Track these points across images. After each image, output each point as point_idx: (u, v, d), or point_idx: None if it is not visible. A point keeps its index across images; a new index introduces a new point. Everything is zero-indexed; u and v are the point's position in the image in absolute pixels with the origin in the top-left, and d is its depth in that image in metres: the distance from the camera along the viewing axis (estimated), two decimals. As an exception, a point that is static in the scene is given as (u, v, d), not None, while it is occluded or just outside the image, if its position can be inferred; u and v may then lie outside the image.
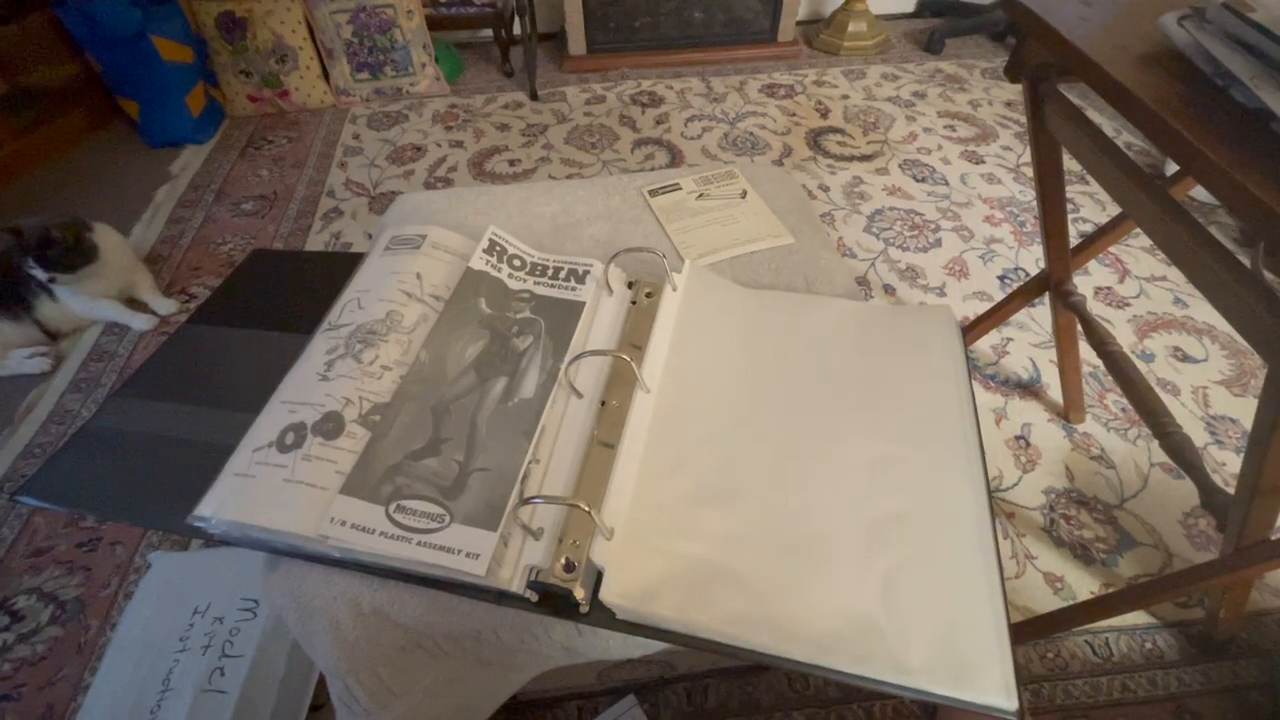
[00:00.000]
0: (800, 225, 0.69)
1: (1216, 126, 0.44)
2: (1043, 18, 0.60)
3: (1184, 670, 0.83)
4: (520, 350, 0.52)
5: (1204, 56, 0.48)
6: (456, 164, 1.74)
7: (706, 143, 1.78)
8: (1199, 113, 0.46)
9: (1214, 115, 0.45)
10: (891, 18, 2.41)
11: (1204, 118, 0.45)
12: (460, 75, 2.13)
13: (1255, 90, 0.43)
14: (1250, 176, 0.40)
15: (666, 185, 0.74)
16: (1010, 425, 1.09)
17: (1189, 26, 0.51)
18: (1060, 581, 0.91)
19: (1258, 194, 0.39)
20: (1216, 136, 0.43)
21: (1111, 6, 0.63)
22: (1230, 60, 0.46)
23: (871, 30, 2.19)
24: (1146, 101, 0.47)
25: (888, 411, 0.48)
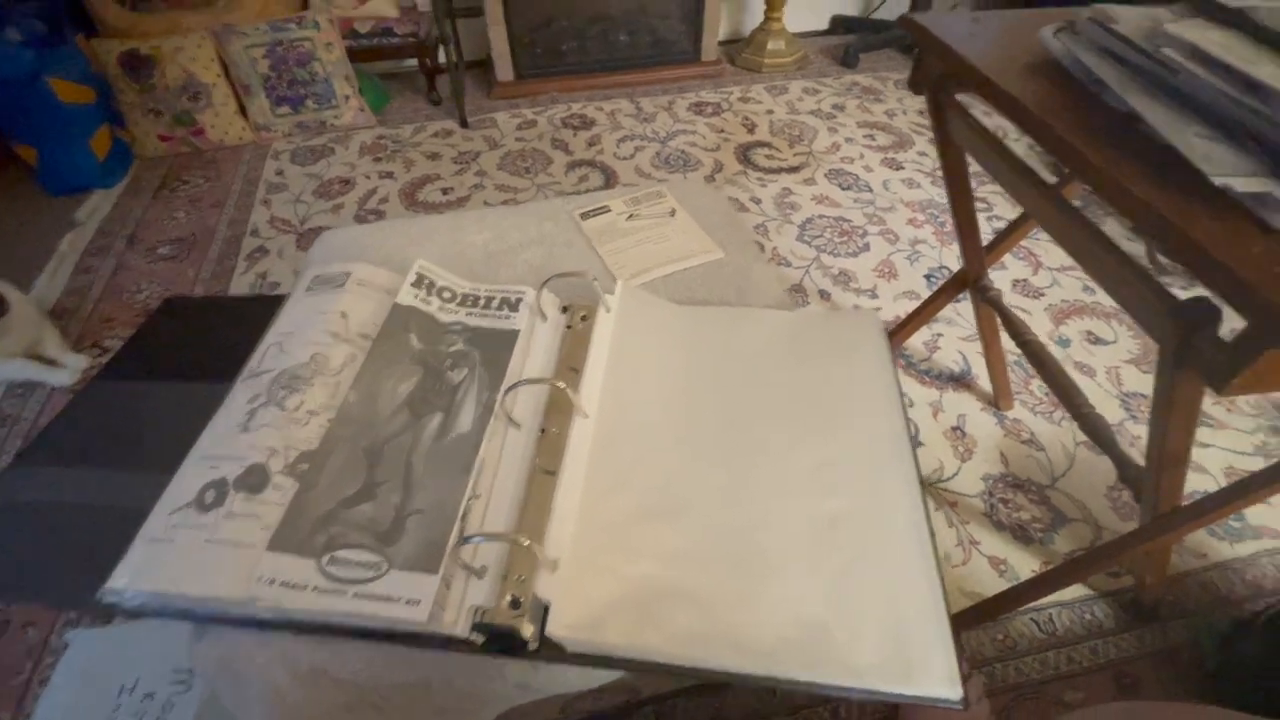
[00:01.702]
0: (730, 239, 0.71)
1: (1093, 129, 0.48)
2: (935, 34, 0.63)
3: (1121, 637, 0.88)
4: (454, 384, 0.51)
5: (1078, 65, 0.52)
6: (388, 195, 1.70)
7: (639, 162, 1.81)
8: (1077, 117, 0.49)
9: (1091, 119, 0.49)
10: (808, 35, 2.52)
11: (1082, 121, 0.49)
12: (386, 105, 2.10)
13: (1123, 94, 0.46)
14: (1124, 173, 0.44)
15: (597, 208, 0.74)
16: (946, 417, 1.14)
17: (1064, 39, 0.55)
18: (1004, 564, 0.95)
19: (1131, 189, 0.42)
20: (1093, 138, 0.47)
21: (998, 22, 0.68)
22: (1100, 68, 0.50)
23: (790, 48, 2.28)
24: (1030, 108, 0.51)
25: (822, 417, 0.50)
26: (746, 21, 2.44)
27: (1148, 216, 0.41)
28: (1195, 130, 0.43)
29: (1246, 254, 0.37)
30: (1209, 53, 0.43)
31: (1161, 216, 0.40)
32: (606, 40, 2.18)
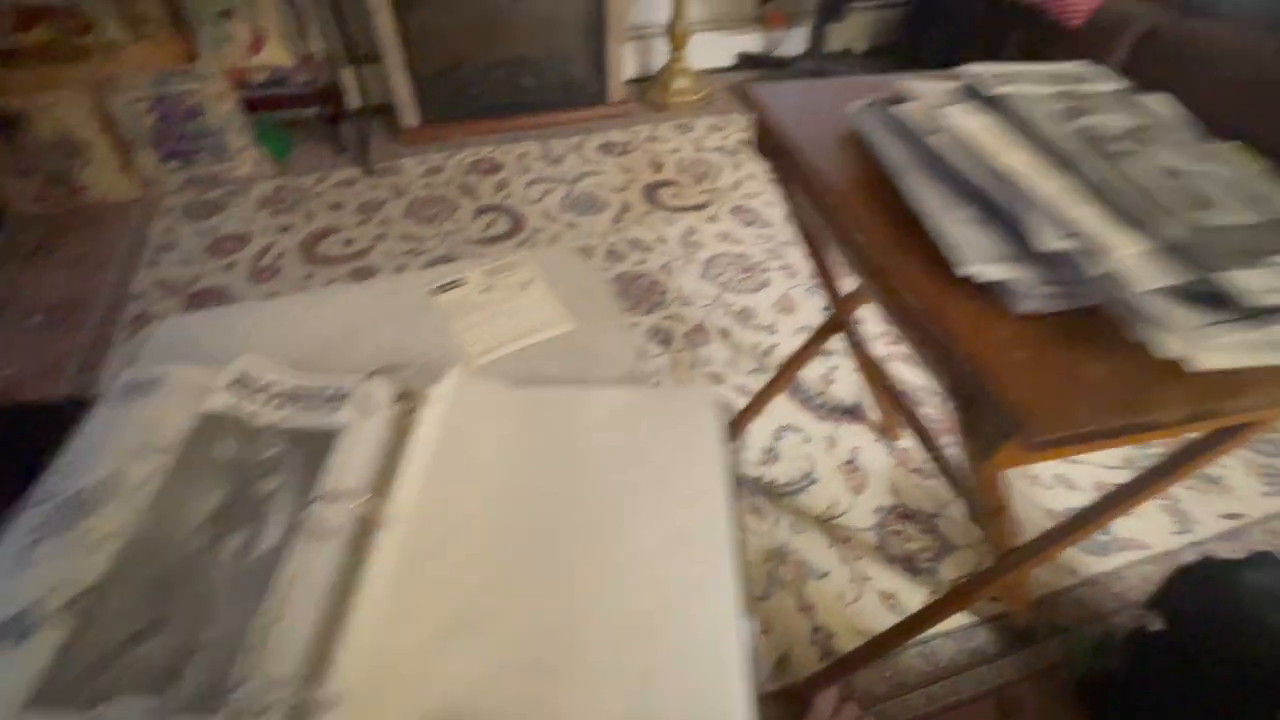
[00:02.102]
0: (586, 308, 0.71)
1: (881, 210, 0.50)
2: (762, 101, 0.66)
3: (1002, 662, 0.91)
4: (264, 496, 0.49)
5: (869, 144, 0.55)
6: (285, 250, 1.65)
7: (547, 205, 1.82)
8: (871, 197, 0.52)
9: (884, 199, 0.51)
10: (713, 71, 2.60)
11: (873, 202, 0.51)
12: (289, 154, 2.05)
13: (896, 178, 0.49)
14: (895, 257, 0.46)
15: (452, 281, 0.73)
16: (840, 451, 1.17)
17: (862, 116, 0.58)
18: (893, 598, 0.97)
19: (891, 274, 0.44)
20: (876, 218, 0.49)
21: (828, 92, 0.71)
22: (885, 149, 0.52)
23: (695, 85, 2.35)
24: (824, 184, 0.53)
25: (644, 506, 0.50)
26: (654, 60, 2.50)
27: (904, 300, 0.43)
28: (963, 214, 0.45)
29: (987, 342, 0.39)
30: (965, 139, 0.46)
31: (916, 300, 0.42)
32: (514, 83, 2.19)
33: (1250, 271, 0.34)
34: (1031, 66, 0.54)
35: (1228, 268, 0.34)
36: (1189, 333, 0.34)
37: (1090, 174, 0.41)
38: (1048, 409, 0.35)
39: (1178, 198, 0.39)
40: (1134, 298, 0.36)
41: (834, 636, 0.93)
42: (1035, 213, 0.41)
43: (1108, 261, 0.37)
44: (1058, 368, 0.38)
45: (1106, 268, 0.37)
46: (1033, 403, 0.35)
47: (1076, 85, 0.51)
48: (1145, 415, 0.36)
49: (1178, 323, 0.34)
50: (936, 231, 0.44)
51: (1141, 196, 0.39)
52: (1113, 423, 0.35)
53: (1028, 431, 0.34)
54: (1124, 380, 0.37)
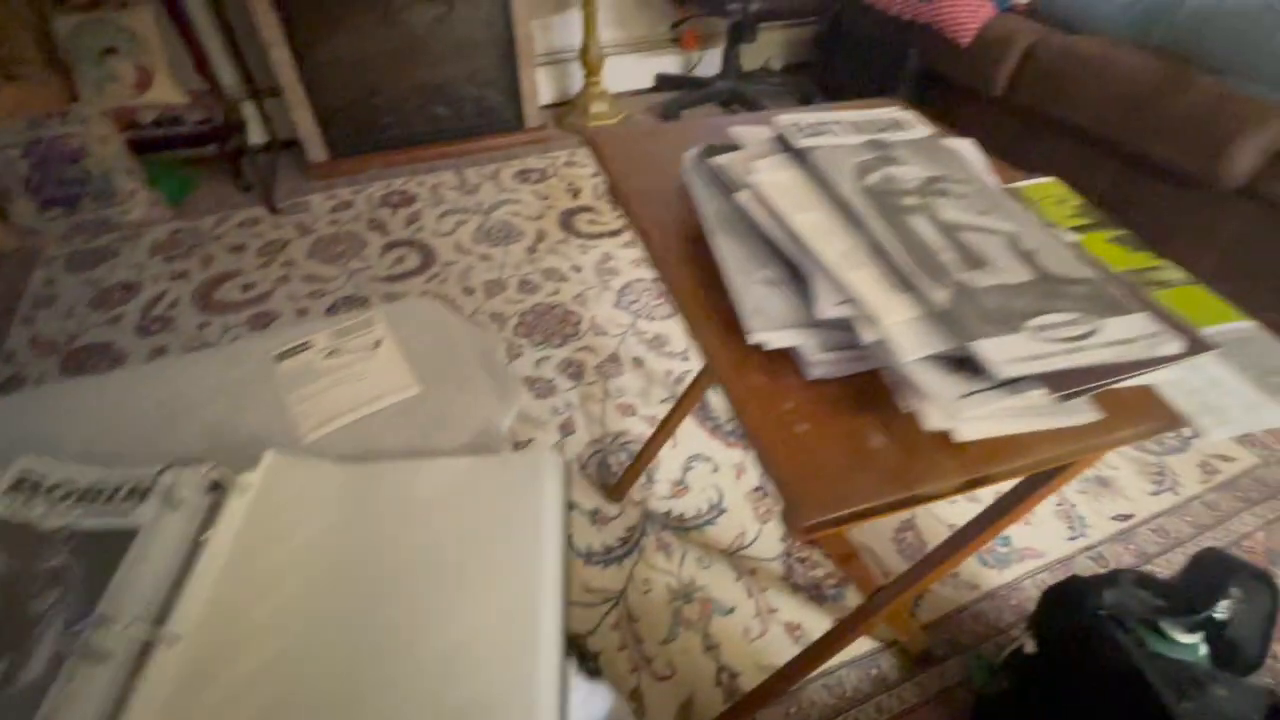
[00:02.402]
0: (437, 368, 0.68)
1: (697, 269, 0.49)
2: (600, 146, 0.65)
3: (904, 687, 0.91)
4: (37, 615, 0.44)
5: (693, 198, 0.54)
6: (178, 299, 1.57)
7: (460, 237, 1.78)
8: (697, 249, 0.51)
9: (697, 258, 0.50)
10: (633, 94, 2.61)
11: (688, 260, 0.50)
12: (189, 195, 1.96)
13: (709, 234, 0.48)
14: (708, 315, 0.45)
15: (296, 345, 0.69)
16: (749, 478, 1.17)
17: (691, 167, 0.57)
18: (799, 629, 0.97)
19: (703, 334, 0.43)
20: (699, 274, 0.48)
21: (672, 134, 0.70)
22: (703, 202, 0.51)
23: (613, 109, 2.35)
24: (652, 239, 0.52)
25: (468, 589, 0.47)
26: (572, 85, 2.50)
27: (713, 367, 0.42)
28: (763, 275, 0.45)
29: (774, 414, 0.38)
30: (766, 196, 0.45)
31: (716, 367, 0.41)
32: (427, 112, 2.15)
33: (1004, 339, 0.34)
34: (845, 114, 0.54)
35: (982, 335, 0.34)
36: (950, 404, 0.34)
37: (874, 234, 0.41)
38: (819, 493, 0.34)
39: (953, 257, 0.39)
40: (901, 367, 0.35)
41: (739, 675, 0.92)
42: (820, 276, 0.40)
43: (878, 329, 0.36)
44: (838, 440, 0.37)
45: (877, 335, 0.36)
46: (805, 489, 0.34)
47: (885, 133, 0.52)
48: (920, 487, 0.35)
49: (938, 394, 0.34)
50: (733, 293, 0.43)
51: (918, 257, 0.39)
52: (888, 498, 0.35)
53: (796, 519, 0.33)
54: (902, 450, 0.36)
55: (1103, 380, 0.33)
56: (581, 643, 0.94)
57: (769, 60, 2.82)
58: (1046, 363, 0.33)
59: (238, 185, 1.99)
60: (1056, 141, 1.75)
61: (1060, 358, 0.33)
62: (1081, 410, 0.36)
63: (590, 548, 1.06)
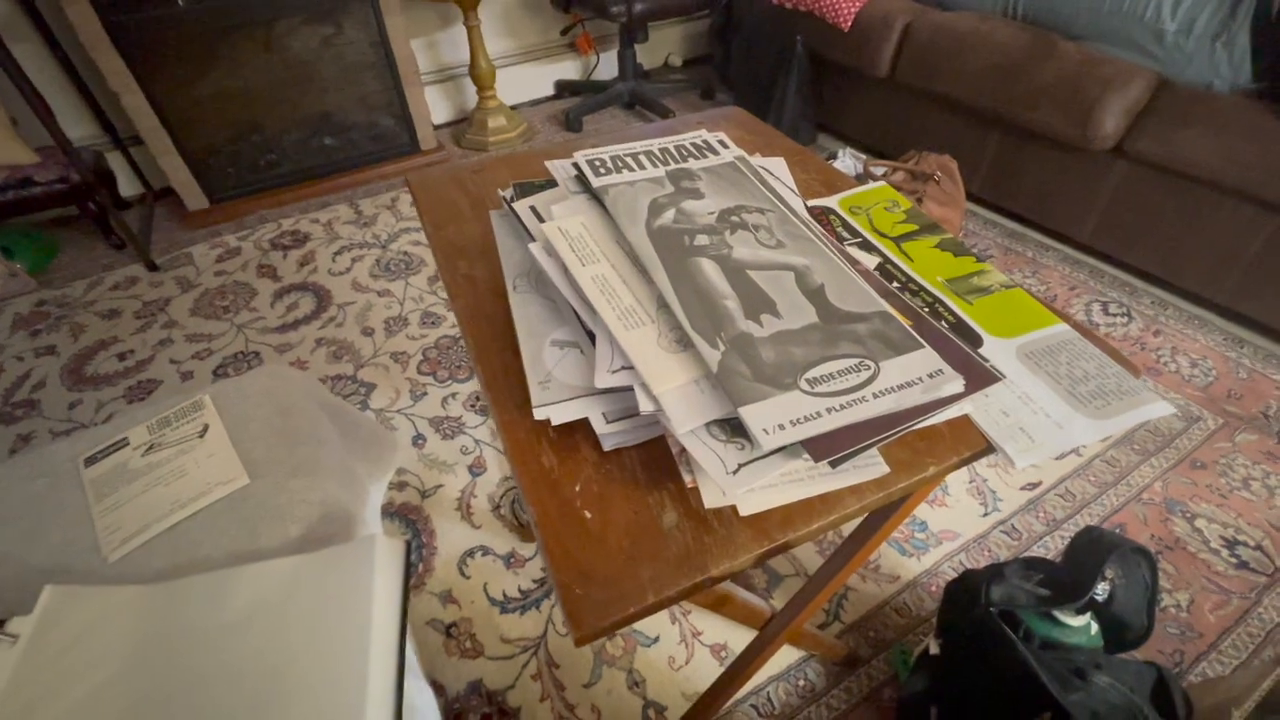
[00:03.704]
0: (274, 450, 0.63)
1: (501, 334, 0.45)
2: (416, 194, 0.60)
3: (832, 695, 0.90)
4: None
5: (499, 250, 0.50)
6: (44, 377, 1.44)
7: (357, 274, 1.70)
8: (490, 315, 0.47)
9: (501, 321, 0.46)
10: (532, 103, 2.55)
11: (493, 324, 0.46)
12: (53, 261, 1.81)
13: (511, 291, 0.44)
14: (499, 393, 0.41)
15: (110, 445, 0.63)
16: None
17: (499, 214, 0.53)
18: (725, 649, 0.94)
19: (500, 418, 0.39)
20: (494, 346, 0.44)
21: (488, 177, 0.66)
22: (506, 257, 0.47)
23: (512, 122, 2.29)
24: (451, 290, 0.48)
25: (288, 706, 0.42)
26: (469, 101, 2.43)
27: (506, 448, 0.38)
28: (560, 335, 0.41)
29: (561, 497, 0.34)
30: (557, 246, 0.42)
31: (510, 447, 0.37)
32: (314, 145, 2.05)
33: (769, 403, 0.31)
34: (650, 143, 0.50)
35: (750, 399, 0.31)
36: (724, 479, 0.31)
37: (659, 283, 0.38)
38: (600, 595, 0.30)
39: (736, 306, 0.36)
40: (678, 439, 0.32)
41: (666, 710, 0.89)
42: (602, 339, 0.37)
43: (653, 398, 0.33)
44: (630, 523, 0.34)
45: (652, 405, 0.33)
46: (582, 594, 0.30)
47: (690, 161, 0.49)
48: (714, 568, 0.32)
49: (712, 468, 0.31)
50: (525, 361, 0.39)
51: (703, 307, 0.36)
52: (681, 585, 0.31)
53: (576, 628, 0.30)
54: (695, 525, 0.33)
55: (873, 438, 0.31)
56: (500, 700, 0.89)
57: (669, 56, 2.80)
58: (812, 426, 0.30)
59: (109, 243, 1.85)
60: (942, 116, 1.78)
61: (831, 416, 0.31)
62: (868, 465, 0.34)
63: (506, 594, 1.01)
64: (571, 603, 0.30)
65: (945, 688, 0.72)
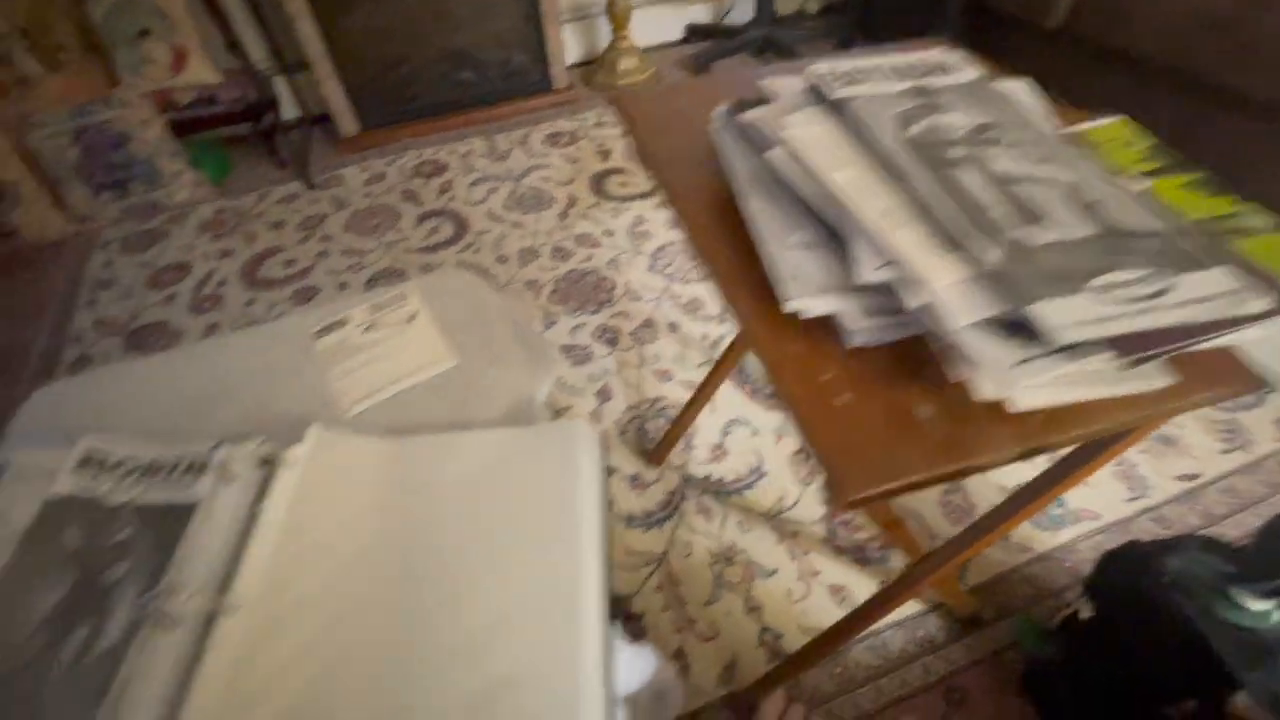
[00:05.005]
0: (476, 339, 0.69)
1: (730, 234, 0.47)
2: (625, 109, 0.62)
3: (950, 649, 0.90)
4: (110, 585, 0.47)
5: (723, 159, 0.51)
6: (226, 277, 1.62)
7: (492, 205, 1.77)
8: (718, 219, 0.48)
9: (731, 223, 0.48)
10: (661, 47, 2.52)
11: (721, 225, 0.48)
12: (229, 174, 2.00)
13: (740, 197, 0.46)
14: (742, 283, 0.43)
15: (334, 322, 0.70)
16: (789, 441, 1.15)
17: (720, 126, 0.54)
18: (843, 591, 0.96)
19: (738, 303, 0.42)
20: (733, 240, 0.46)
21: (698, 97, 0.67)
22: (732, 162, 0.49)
23: (642, 64, 2.27)
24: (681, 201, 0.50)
25: (505, 563, 0.48)
26: (599, 41, 2.43)
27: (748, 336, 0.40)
28: (799, 238, 0.42)
29: (813, 384, 0.36)
30: (801, 152, 0.43)
31: (753, 337, 0.39)
32: (454, 79, 2.13)
33: (1063, 301, 0.31)
34: (885, 59, 0.50)
35: (1039, 298, 0.31)
36: (1003, 372, 0.31)
37: (917, 189, 0.38)
38: (860, 469, 0.32)
39: (1006, 212, 0.36)
40: (949, 333, 0.33)
41: (782, 637, 0.92)
42: (859, 238, 0.38)
43: (925, 292, 0.34)
44: (883, 411, 0.35)
45: (922, 300, 0.34)
46: (846, 463, 0.33)
47: (929, 78, 0.48)
48: (972, 459, 0.33)
49: (991, 362, 0.32)
50: (767, 259, 0.41)
51: (967, 214, 0.36)
52: (938, 470, 0.33)
53: (838, 496, 0.32)
54: (951, 420, 0.34)
55: (1178, 343, 0.30)
56: (625, 605, 0.96)
57: (805, 3, 2.67)
58: (1112, 325, 0.30)
59: (274, 162, 2.02)
60: (1115, 77, 1.61)
61: (1128, 319, 0.30)
62: (1151, 375, 0.33)
63: (631, 512, 1.07)
64: (836, 471, 0.33)
65: (1092, 655, 0.71)
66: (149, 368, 0.69)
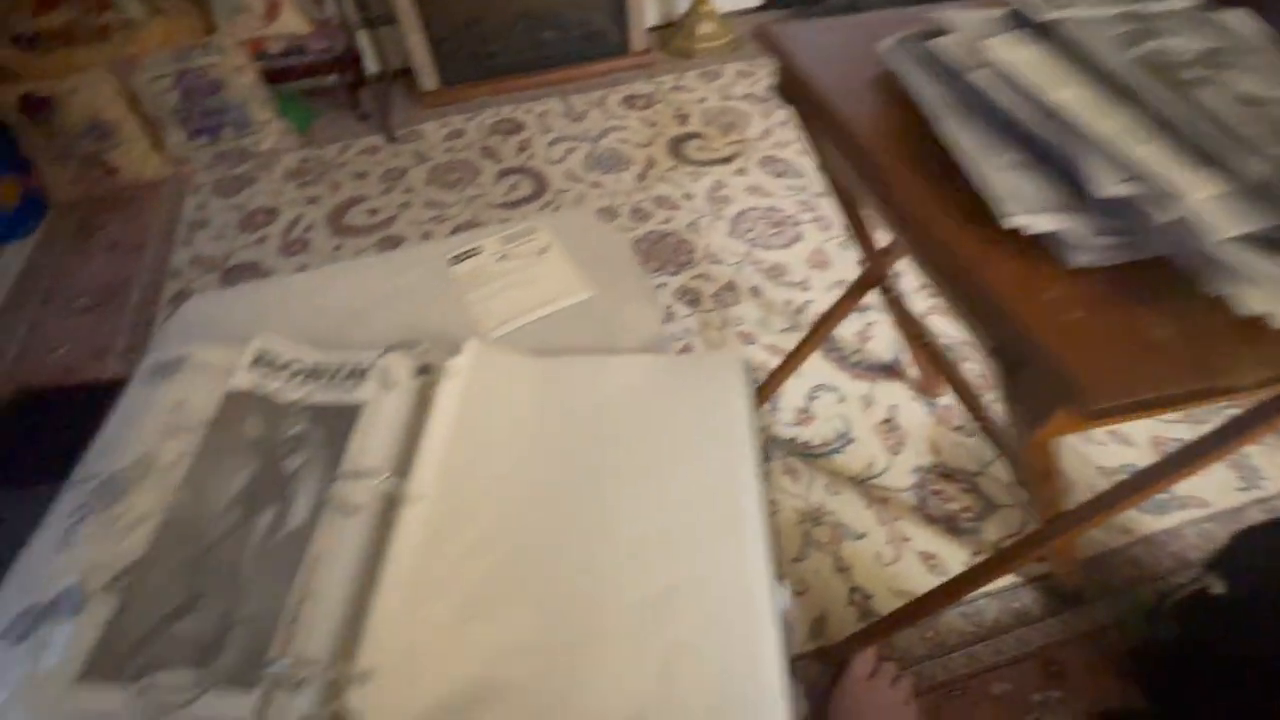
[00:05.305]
0: (605, 275, 0.69)
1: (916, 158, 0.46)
2: (780, 43, 0.61)
3: (1048, 623, 0.88)
4: (291, 472, 0.49)
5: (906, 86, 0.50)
6: (313, 223, 1.66)
7: (570, 165, 1.77)
8: (904, 144, 0.47)
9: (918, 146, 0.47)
10: (742, 13, 2.46)
11: (906, 149, 0.47)
12: (312, 125, 2.04)
13: (935, 120, 0.45)
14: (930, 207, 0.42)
15: (468, 250, 0.72)
16: (877, 410, 1.14)
17: (897, 52, 0.53)
18: (934, 558, 0.95)
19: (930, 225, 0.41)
20: (910, 168, 0.45)
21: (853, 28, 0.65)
22: (921, 88, 0.48)
23: (721, 29, 2.23)
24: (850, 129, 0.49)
25: (668, 477, 0.48)
26: (678, 5, 2.38)
27: (943, 256, 0.40)
28: (1007, 159, 0.41)
29: (1036, 301, 0.35)
30: (1013, 74, 0.41)
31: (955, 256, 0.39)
32: (533, 38, 2.12)
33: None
34: (1091, -16, 0.47)
35: (1325, 207, 0.30)
36: (1274, 286, 0.30)
37: (1157, 107, 0.36)
38: (1106, 375, 0.31)
39: (1261, 129, 0.34)
40: (1210, 247, 0.31)
41: (872, 597, 0.92)
42: (1093, 154, 0.36)
43: (1179, 207, 0.32)
44: (1117, 329, 0.34)
45: (1177, 214, 0.32)
46: (1089, 369, 0.32)
47: (1141, 4, 0.45)
48: (1217, 380, 0.32)
49: (1262, 274, 0.30)
50: (978, 179, 0.40)
51: (1217, 130, 0.34)
52: (1179, 388, 0.32)
53: (1083, 401, 0.31)
54: (1192, 340, 0.33)
55: None
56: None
57: (890, -29, 2.57)
58: None
59: (355, 115, 2.05)
60: None
61: None
62: None
63: (715, 469, 1.07)
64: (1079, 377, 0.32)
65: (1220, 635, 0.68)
66: (291, 284, 0.72)
